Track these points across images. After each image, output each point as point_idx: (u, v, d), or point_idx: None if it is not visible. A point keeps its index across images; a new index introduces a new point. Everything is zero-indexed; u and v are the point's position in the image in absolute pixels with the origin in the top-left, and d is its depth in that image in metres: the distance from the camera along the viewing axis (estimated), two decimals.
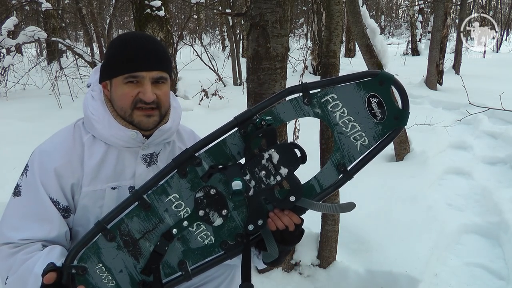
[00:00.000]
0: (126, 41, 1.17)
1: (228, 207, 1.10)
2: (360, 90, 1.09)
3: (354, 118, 1.11)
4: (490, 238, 2.91)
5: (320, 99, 1.10)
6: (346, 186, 1.20)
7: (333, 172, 1.14)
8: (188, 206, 1.10)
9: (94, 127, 1.19)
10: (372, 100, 1.10)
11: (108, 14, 14.37)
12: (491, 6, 22.41)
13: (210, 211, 1.10)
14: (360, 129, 1.11)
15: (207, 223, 1.11)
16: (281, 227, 1.11)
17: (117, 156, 1.21)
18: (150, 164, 1.25)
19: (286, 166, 1.07)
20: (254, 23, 1.99)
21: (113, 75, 1.17)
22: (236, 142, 1.10)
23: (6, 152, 3.96)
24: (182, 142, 1.35)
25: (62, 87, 6.97)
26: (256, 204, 1.10)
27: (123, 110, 1.18)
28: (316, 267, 2.40)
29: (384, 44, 3.93)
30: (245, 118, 1.08)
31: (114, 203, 1.20)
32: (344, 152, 1.13)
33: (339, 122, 1.11)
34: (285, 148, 1.07)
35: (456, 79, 8.24)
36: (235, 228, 1.13)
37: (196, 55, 9.15)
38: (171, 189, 1.09)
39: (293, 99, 1.10)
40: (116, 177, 1.21)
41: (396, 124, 1.11)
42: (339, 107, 1.10)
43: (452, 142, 4.96)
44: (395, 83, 1.10)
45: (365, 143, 1.12)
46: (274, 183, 1.07)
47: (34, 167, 1.17)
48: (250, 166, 1.07)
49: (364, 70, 1.22)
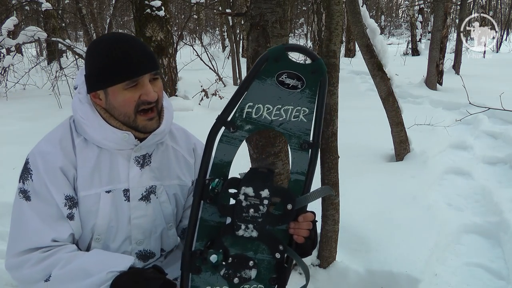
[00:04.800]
0: (112, 46, 1.13)
1: (252, 257, 1.14)
2: (265, 80, 1.08)
3: (281, 104, 1.10)
4: (490, 238, 2.91)
5: (241, 117, 1.10)
6: (346, 186, 1.20)
7: (301, 154, 1.13)
8: (223, 285, 1.14)
9: (85, 131, 1.18)
10: (282, 78, 1.08)
11: (108, 14, 14.38)
12: (491, 6, 22.42)
13: (241, 273, 1.13)
14: (293, 107, 1.10)
15: (246, 281, 1.14)
16: (306, 234, 1.14)
17: (109, 159, 1.20)
18: (143, 166, 1.24)
19: (263, 188, 1.08)
20: (254, 23, 1.99)
21: (110, 84, 1.14)
22: (212, 211, 1.12)
23: (6, 152, 3.96)
24: (175, 141, 1.34)
25: (62, 87, 6.98)
26: (268, 236, 1.12)
27: (127, 115, 1.17)
28: (316, 267, 2.40)
29: (384, 44, 3.93)
30: (201, 191, 1.10)
31: (109, 206, 1.19)
32: (297, 133, 1.12)
33: (272, 118, 1.11)
34: (251, 176, 1.09)
35: (456, 79, 8.23)
36: (269, 264, 1.15)
37: (196, 55, 9.16)
38: (201, 286, 1.14)
39: (223, 137, 1.11)
40: (110, 181, 1.20)
41: (317, 77, 1.09)
42: (261, 108, 1.10)
43: (452, 142, 4.95)
44: (288, 49, 1.08)
45: (306, 112, 1.11)
46: (266, 209, 1.09)
47: (39, 170, 1.15)
48: (237, 217, 1.08)
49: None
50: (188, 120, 4.53)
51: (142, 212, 1.23)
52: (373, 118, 5.02)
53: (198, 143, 1.38)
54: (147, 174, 1.24)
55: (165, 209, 1.28)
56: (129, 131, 1.18)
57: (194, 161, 1.35)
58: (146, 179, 1.24)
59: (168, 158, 1.30)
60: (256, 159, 2.06)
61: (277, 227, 1.13)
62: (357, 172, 3.51)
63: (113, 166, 1.20)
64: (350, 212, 2.72)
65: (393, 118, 4.01)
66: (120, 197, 1.21)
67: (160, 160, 1.28)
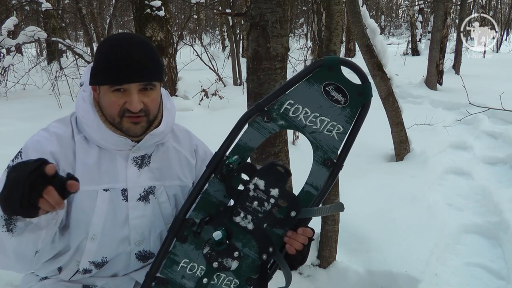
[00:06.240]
0: (113, 48, 1.13)
1: (238, 248, 1.12)
2: (313, 85, 1.08)
3: (320, 113, 1.10)
4: (490, 238, 2.91)
5: (278, 110, 1.10)
6: (346, 186, 1.20)
7: (322, 169, 1.13)
8: (201, 264, 1.12)
9: (85, 130, 1.18)
10: (329, 88, 1.08)
11: (108, 14, 14.38)
12: (491, 6, 22.42)
13: (223, 260, 1.12)
14: (329, 120, 1.10)
15: (225, 270, 1.13)
16: (300, 248, 1.13)
17: (109, 158, 1.20)
18: (141, 166, 1.23)
19: (274, 187, 1.07)
20: (254, 23, 1.99)
21: (100, 82, 1.14)
22: (218, 188, 1.11)
23: (6, 152, 3.95)
24: (178, 142, 1.33)
25: (62, 87, 6.97)
26: (261, 234, 1.11)
27: (112, 117, 1.16)
28: (316, 267, 2.40)
29: (384, 44, 3.94)
30: (216, 163, 1.09)
31: (106, 205, 1.18)
32: (324, 147, 1.12)
33: (306, 123, 1.11)
34: (267, 171, 1.08)
35: (456, 79, 8.23)
36: (253, 262, 1.14)
37: (196, 55, 9.15)
38: (178, 257, 1.11)
39: (254, 123, 1.10)
40: (109, 179, 1.19)
41: (362, 100, 1.09)
42: (300, 109, 1.10)
43: (452, 142, 4.96)
44: (344, 63, 1.09)
45: (340, 130, 1.11)
46: (270, 207, 1.08)
47: (28, 151, 1.15)
48: (240, 203, 1.08)
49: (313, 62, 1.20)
50: (188, 120, 4.53)
51: (140, 213, 1.23)
52: (373, 118, 5.01)
53: (199, 144, 1.38)
54: (145, 174, 1.23)
55: (165, 210, 1.28)
56: (123, 135, 1.18)
57: (196, 162, 1.35)
58: (145, 180, 1.23)
59: (168, 159, 1.29)
60: (256, 159, 2.06)
61: (274, 229, 1.12)
62: (357, 172, 3.50)
63: (112, 165, 1.20)
64: (350, 212, 2.70)
65: (393, 118, 4.01)
66: (118, 196, 1.20)
67: (160, 160, 1.27)
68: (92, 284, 1.26)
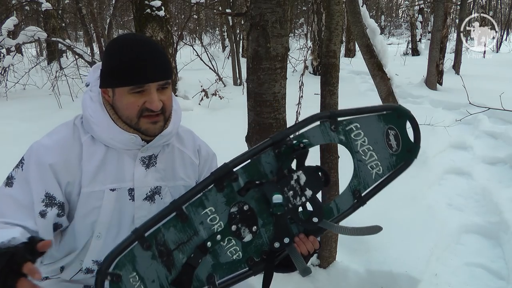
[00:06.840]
0: (128, 48, 1.13)
1: (258, 224, 1.14)
2: (381, 122, 1.17)
3: (373, 148, 1.18)
4: (490, 238, 2.91)
5: (345, 127, 1.16)
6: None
7: (350, 197, 1.20)
8: (222, 220, 1.12)
9: (92, 129, 1.18)
10: (390, 132, 1.17)
11: (108, 14, 14.36)
12: (491, 6, 22.40)
13: (242, 227, 1.13)
14: (377, 158, 1.19)
15: (237, 238, 1.14)
16: (305, 253, 1.16)
17: (116, 158, 1.20)
18: (148, 166, 1.24)
19: (310, 188, 1.12)
20: (254, 23, 1.99)
21: (117, 85, 1.14)
22: (270, 161, 1.13)
23: (6, 152, 3.95)
24: (182, 143, 1.34)
25: (62, 87, 6.98)
26: (282, 223, 1.14)
27: (129, 118, 1.17)
28: (316, 267, 2.40)
29: (384, 44, 3.94)
30: (280, 139, 1.12)
31: (113, 204, 1.19)
32: (361, 179, 1.19)
33: (360, 150, 1.18)
34: (312, 171, 1.13)
35: (456, 79, 8.23)
36: (261, 245, 1.16)
37: (196, 55, 9.15)
38: (208, 202, 1.11)
39: (321, 125, 1.15)
40: (116, 179, 1.20)
41: (408, 156, 1.19)
42: (361, 136, 1.17)
43: (452, 142, 4.95)
44: (410, 118, 1.19)
45: (379, 172, 1.19)
46: (299, 203, 1.12)
47: (30, 162, 1.15)
48: (281, 185, 1.11)
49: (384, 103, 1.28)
50: (188, 120, 4.52)
51: (146, 212, 1.23)
52: None
53: (202, 145, 1.39)
54: (152, 174, 1.24)
55: None
56: (135, 133, 1.18)
57: (199, 162, 1.36)
58: (151, 180, 1.24)
59: (173, 160, 1.30)
60: None
61: (291, 224, 1.16)
62: None
63: (119, 165, 1.21)
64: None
65: None
66: (125, 196, 1.21)
67: (165, 161, 1.28)
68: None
